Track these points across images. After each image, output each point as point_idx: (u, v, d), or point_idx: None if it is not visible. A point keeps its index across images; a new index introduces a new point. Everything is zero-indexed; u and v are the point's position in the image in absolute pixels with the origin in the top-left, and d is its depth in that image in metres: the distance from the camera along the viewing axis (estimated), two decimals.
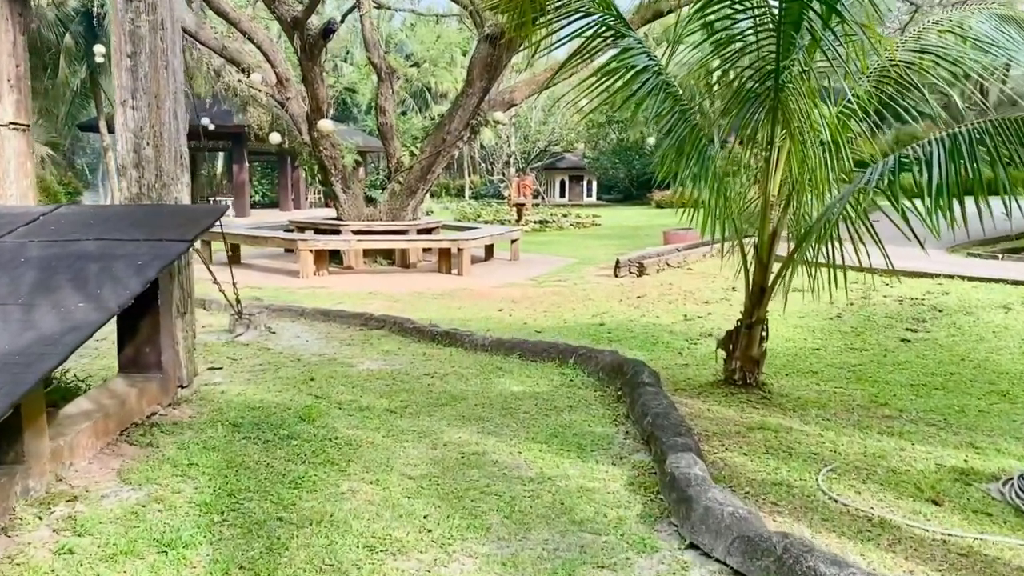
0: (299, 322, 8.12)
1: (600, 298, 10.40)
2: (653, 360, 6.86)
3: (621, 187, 47.79)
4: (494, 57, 14.59)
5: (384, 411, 4.62)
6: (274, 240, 14.86)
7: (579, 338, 7.87)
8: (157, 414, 4.42)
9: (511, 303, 10.85)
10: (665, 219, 29.18)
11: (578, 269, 15.32)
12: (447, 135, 15.46)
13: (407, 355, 6.37)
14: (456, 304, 10.91)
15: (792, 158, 5.27)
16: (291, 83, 15.09)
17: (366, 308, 10.70)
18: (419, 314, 9.89)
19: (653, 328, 8.27)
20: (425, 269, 15.65)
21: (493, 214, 31.03)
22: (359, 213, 16.04)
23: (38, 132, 22.56)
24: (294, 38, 12.36)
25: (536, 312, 9.86)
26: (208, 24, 14.78)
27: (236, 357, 6.36)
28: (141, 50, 4.51)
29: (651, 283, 10.93)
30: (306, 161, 15.82)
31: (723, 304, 9.08)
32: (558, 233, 25.13)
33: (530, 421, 4.43)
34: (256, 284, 13.38)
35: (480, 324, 8.99)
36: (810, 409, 5.15)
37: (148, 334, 4.50)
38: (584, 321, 8.96)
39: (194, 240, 4.05)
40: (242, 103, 16.81)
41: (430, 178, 16.05)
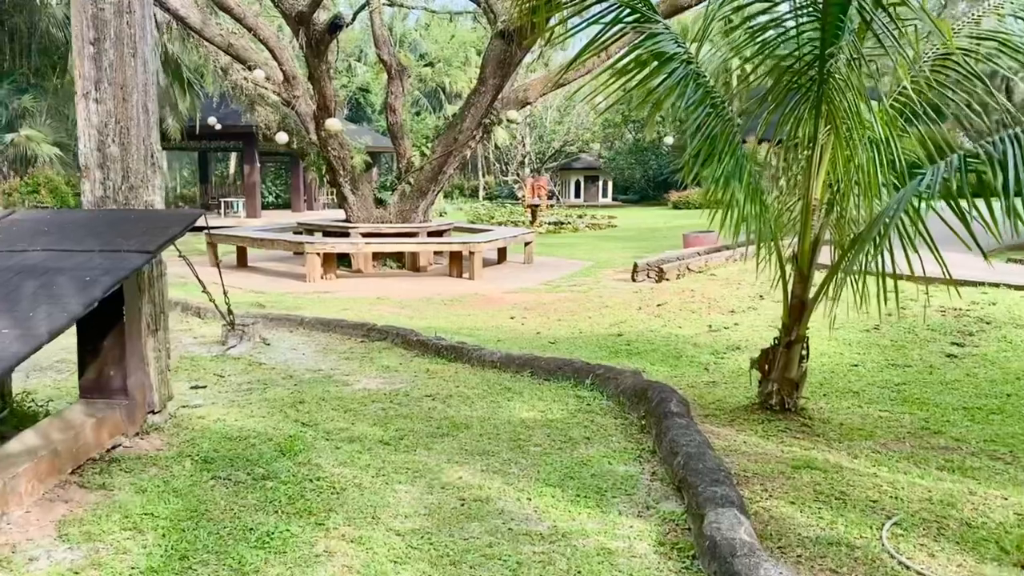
0: (297, 332, 7.61)
1: (617, 305, 9.84)
2: (677, 377, 6.31)
3: (637, 188, 47.14)
4: (508, 54, 14.06)
5: (377, 443, 4.08)
6: (280, 243, 14.40)
7: (596, 351, 7.32)
8: (120, 446, 3.91)
9: (523, 310, 10.32)
10: (683, 220, 28.52)
11: (594, 273, 14.76)
12: (459, 134, 14.94)
13: (408, 372, 5.83)
14: (466, 311, 10.39)
15: (837, 158, 4.70)
16: (298, 81, 14.62)
17: (373, 314, 10.20)
18: (427, 322, 9.38)
19: (675, 340, 7.70)
20: (436, 272, 15.14)
21: (507, 215, 30.51)
22: (368, 215, 15.56)
23: (46, 132, 22.24)
24: (299, 34, 11.87)
25: (550, 320, 9.32)
26: (214, 20, 14.32)
27: (224, 373, 5.85)
28: (105, 36, 4.00)
29: (671, 289, 10.35)
30: (314, 162, 15.34)
31: (750, 314, 8.49)
32: (573, 235, 24.56)
33: (542, 456, 3.88)
34: (260, 288, 12.92)
35: (490, 333, 8.46)
36: (857, 439, 4.57)
37: (113, 355, 3.99)
38: (601, 331, 8.40)
39: (157, 251, 3.54)
40: (250, 102, 16.30)
41: (441, 179, 15.54)
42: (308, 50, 12.17)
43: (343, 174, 15.00)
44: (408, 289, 12.94)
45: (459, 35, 46.59)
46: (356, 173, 15.11)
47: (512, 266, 15.94)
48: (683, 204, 36.86)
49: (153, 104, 4.27)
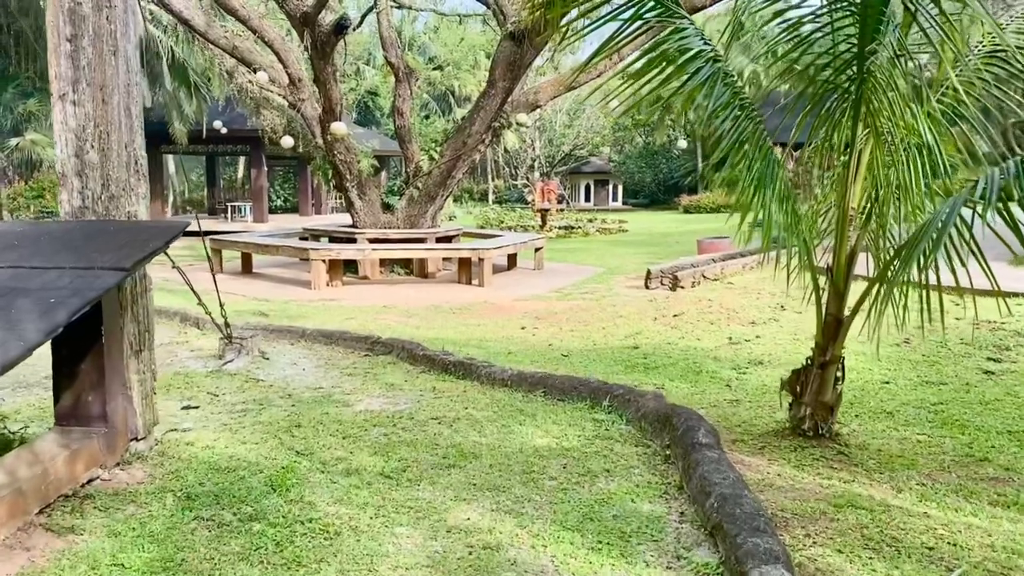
0: (299, 345, 7.28)
1: (632, 315, 9.48)
2: (698, 395, 5.95)
3: (647, 191, 46.78)
4: (517, 56, 13.73)
5: (377, 475, 3.74)
6: (285, 249, 14.10)
7: (611, 365, 6.97)
8: (98, 480, 3.59)
9: (535, 319, 9.97)
10: (695, 225, 28.12)
11: (606, 280, 14.40)
12: (468, 138, 14.62)
13: (414, 391, 5.49)
14: (475, 320, 10.05)
15: (876, 163, 4.34)
16: (304, 84, 14.33)
17: (378, 324, 9.88)
18: (434, 332, 9.05)
19: (694, 353, 7.34)
20: (444, 279, 14.82)
21: (517, 219, 30.18)
22: (375, 220, 15.25)
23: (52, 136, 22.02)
24: (304, 35, 11.58)
25: (562, 331, 8.97)
26: (218, 22, 14.06)
27: (218, 391, 5.53)
28: (83, 32, 3.68)
29: (687, 298, 9.99)
30: (320, 166, 15.04)
31: (772, 326, 8.12)
32: (584, 240, 24.21)
33: (558, 493, 3.53)
34: (265, 295, 12.62)
35: (500, 345, 8.12)
36: (898, 469, 4.21)
37: (90, 379, 3.67)
38: (616, 343, 8.05)
39: (134, 269, 3.21)
40: (255, 105, 16.04)
41: (450, 183, 15.22)
42: (313, 52, 11.87)
43: (350, 179, 14.70)
44: (416, 297, 12.62)
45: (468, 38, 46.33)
46: (363, 177, 14.80)
47: (522, 272, 15.61)
48: (694, 208, 36.47)
49: (137, 107, 3.95)
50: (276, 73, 14.74)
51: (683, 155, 46.60)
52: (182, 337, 7.69)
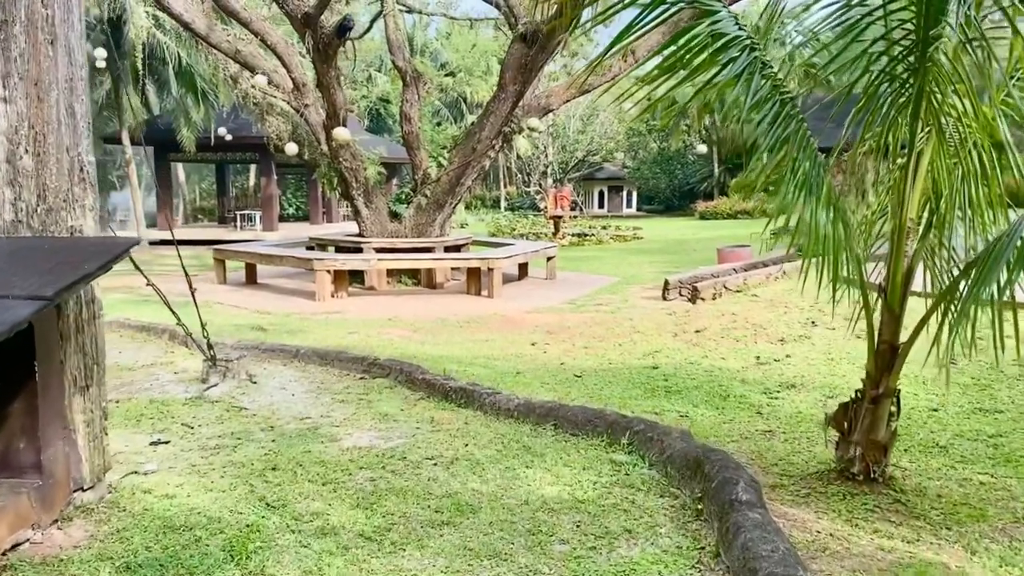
0: (291, 366, 6.73)
1: (650, 330, 8.89)
2: (726, 423, 5.36)
3: (662, 197, 46.16)
4: (528, 58, 13.20)
5: (356, 536, 3.17)
6: (289, 259, 13.60)
7: (629, 388, 6.39)
8: (27, 542, 3.05)
9: (546, 334, 9.40)
10: (712, 232, 27.48)
11: (621, 290, 13.82)
12: (477, 144, 14.09)
13: (410, 422, 4.93)
14: (483, 335, 9.49)
15: (939, 167, 3.76)
16: (308, 89, 13.85)
17: (381, 339, 9.35)
18: (439, 348, 8.50)
19: (719, 374, 6.74)
20: (453, 290, 14.27)
21: (529, 226, 29.65)
22: (382, 229, 14.74)
23: None
24: (306, 37, 11.09)
25: (575, 347, 8.39)
26: (220, 26, 13.60)
27: (195, 422, 4.98)
28: (14, 17, 3.16)
29: (709, 312, 9.39)
30: (325, 174, 14.54)
31: (803, 344, 7.50)
32: (597, 247, 23.62)
33: (570, 563, 2.95)
34: (266, 308, 12.12)
35: (508, 363, 7.56)
36: (966, 522, 3.61)
37: (21, 423, 3.14)
38: (633, 362, 7.46)
39: (58, 297, 2.67)
40: (261, 112, 15.57)
41: (459, 191, 14.69)
42: (315, 55, 11.37)
43: (356, 186, 14.19)
44: (422, 309, 12.08)
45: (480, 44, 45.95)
46: (369, 185, 14.29)
47: (534, 282, 15.04)
48: (711, 214, 35.80)
49: (82, 106, 3.42)
50: (280, 78, 14.28)
51: (699, 160, 45.96)
52: (168, 357, 7.17)
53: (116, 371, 6.37)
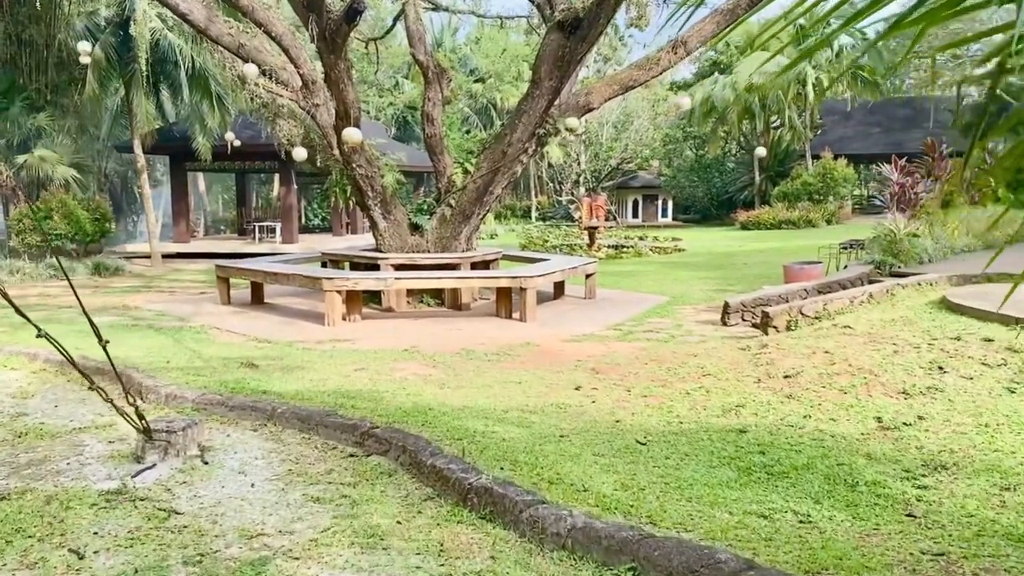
0: (262, 433, 5.14)
1: (723, 371, 7.19)
2: (869, 534, 3.67)
3: (699, 207, 44.26)
4: (567, 49, 11.58)
5: None
6: (296, 278, 12.08)
7: (714, 466, 4.71)
8: None
9: (592, 373, 7.75)
10: (758, 243, 25.58)
11: (671, 312, 12.11)
12: (508, 147, 12.49)
13: (406, 551, 3.30)
14: (515, 373, 7.86)
15: None
16: (319, 87, 12.35)
17: (394, 377, 7.78)
18: (461, 395, 6.88)
19: (834, 445, 5.03)
20: (481, 311, 12.67)
21: (562, 238, 27.96)
22: (402, 243, 13.19)
23: (62, 152, 20.49)
24: (310, 23, 9.57)
25: (631, 395, 6.73)
26: (221, 17, 12.17)
27: (91, 546, 3.40)
28: None
29: (791, 347, 7.65)
30: (338, 181, 13.05)
31: (935, 399, 5.74)
32: (637, 261, 21.88)
33: None
34: (266, 336, 10.59)
35: (548, 421, 5.91)
36: None
37: None
38: (712, 420, 5.78)
39: None
40: (272, 114, 14.11)
41: (488, 200, 13.09)
42: (321, 44, 9.84)
43: (372, 196, 12.66)
44: (445, 336, 10.48)
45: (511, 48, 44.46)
46: (387, 194, 12.75)
47: (571, 302, 13.38)
48: (753, 224, 33.87)
49: None
50: (288, 75, 12.82)
51: (739, 168, 44.04)
52: (110, 416, 5.60)
53: (33, 439, 4.83)
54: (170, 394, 5.59)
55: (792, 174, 37.48)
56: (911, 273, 11.07)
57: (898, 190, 12.61)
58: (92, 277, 18.54)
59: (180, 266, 22.40)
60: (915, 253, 11.72)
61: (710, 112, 40.97)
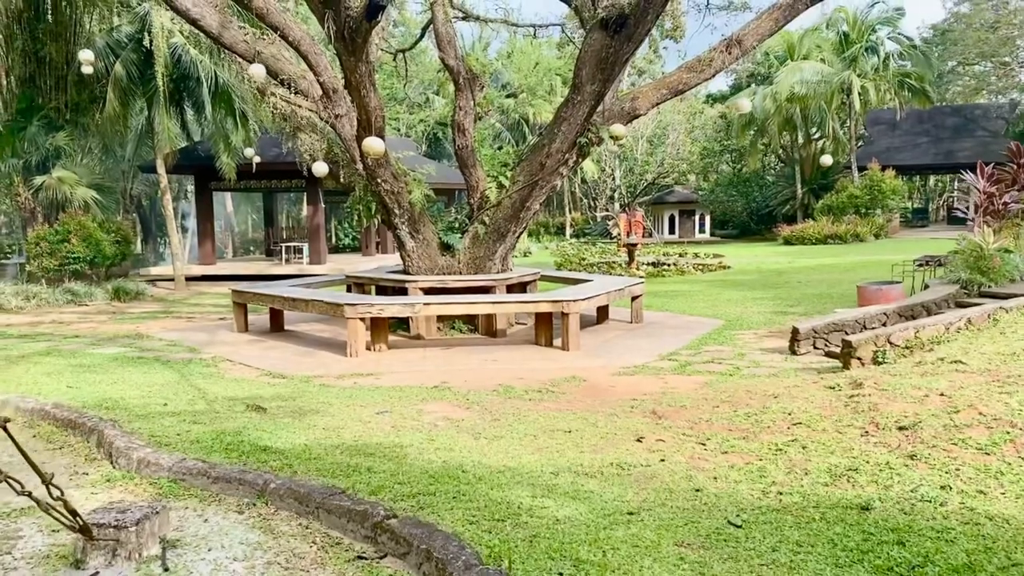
0: (249, 516, 4.03)
1: (813, 417, 5.96)
2: None
3: (737, 221, 42.73)
4: (611, 49, 10.48)
5: None
6: (316, 304, 11.05)
7: (842, 565, 3.51)
8: None
9: (653, 418, 6.56)
10: (807, 259, 24.15)
11: (730, 339, 10.87)
12: (547, 158, 11.39)
13: None
14: (562, 419, 6.68)
15: None
16: (341, 96, 11.36)
17: (421, 421, 6.66)
18: (501, 448, 5.74)
19: (995, 533, 3.80)
20: (518, 338, 11.53)
21: (599, 255, 26.76)
22: (432, 264, 12.12)
23: (81, 173, 19.80)
24: (326, 22, 8.57)
25: (708, 451, 5.52)
26: (236, 23, 11.26)
27: None
28: None
29: (895, 386, 6.38)
30: (361, 198, 12.02)
31: None
32: (680, 279, 20.60)
33: None
34: (281, 369, 9.54)
35: (609, 488, 4.74)
36: None
37: None
38: (818, 491, 4.56)
39: None
40: (293, 128, 13.16)
41: (524, 216, 11.99)
42: (339, 45, 8.83)
43: (398, 213, 11.62)
44: (480, 368, 9.36)
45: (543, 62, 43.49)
46: (415, 211, 11.70)
47: (617, 327, 12.19)
48: (796, 239, 32.34)
49: None
50: (307, 84, 11.87)
51: (778, 181, 42.54)
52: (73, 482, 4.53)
53: None
54: (143, 459, 4.52)
55: (837, 187, 35.92)
56: (1008, 294, 9.72)
57: (984, 200, 11.27)
58: (111, 302, 17.73)
59: (204, 289, 21.59)
60: (1007, 270, 10.36)
61: (749, 124, 39.61)
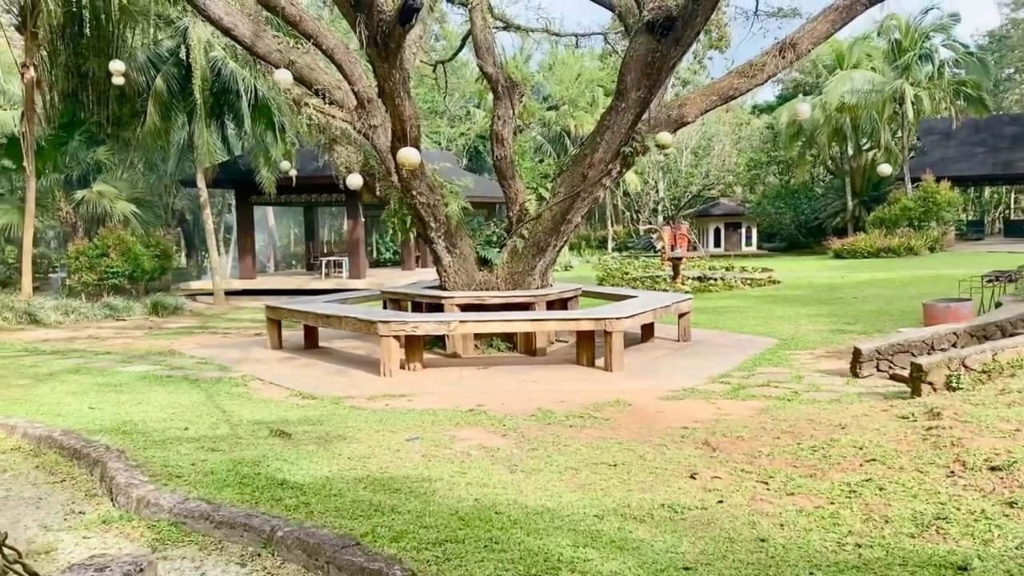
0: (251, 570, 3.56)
1: (888, 453, 5.32)
2: None
3: (785, 234, 41.65)
4: (657, 54, 9.94)
5: None
6: (350, 321, 10.65)
7: None
8: None
9: (708, 452, 5.97)
10: (860, 273, 23.19)
11: (785, 359, 10.19)
12: (589, 169, 10.87)
13: None
14: (607, 450, 6.12)
15: None
16: (376, 106, 11.00)
17: (455, 450, 6.17)
18: (539, 485, 5.21)
19: None
20: (559, 357, 10.98)
21: (642, 269, 26.11)
22: (469, 279, 11.66)
23: (122, 187, 19.82)
24: (358, 26, 8.19)
25: (772, 491, 4.93)
26: (269, 32, 10.97)
27: None
28: None
29: (978, 417, 5.72)
30: (396, 211, 11.61)
31: None
32: (728, 294, 19.86)
33: None
34: (311, 389, 9.13)
35: (661, 537, 4.18)
36: None
37: None
38: (904, 542, 3.95)
39: None
40: (329, 140, 12.84)
41: (565, 229, 11.47)
42: (372, 51, 8.44)
43: (434, 226, 11.18)
44: (518, 390, 8.84)
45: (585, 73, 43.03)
46: (452, 225, 11.26)
47: (662, 346, 11.58)
48: (848, 253, 31.28)
49: None
50: (342, 94, 11.53)
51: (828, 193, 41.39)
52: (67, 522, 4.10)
53: None
54: (142, 499, 4.10)
55: (889, 198, 34.75)
56: None
57: None
58: (148, 317, 17.62)
59: (243, 304, 21.44)
60: None
61: (797, 134, 38.63)
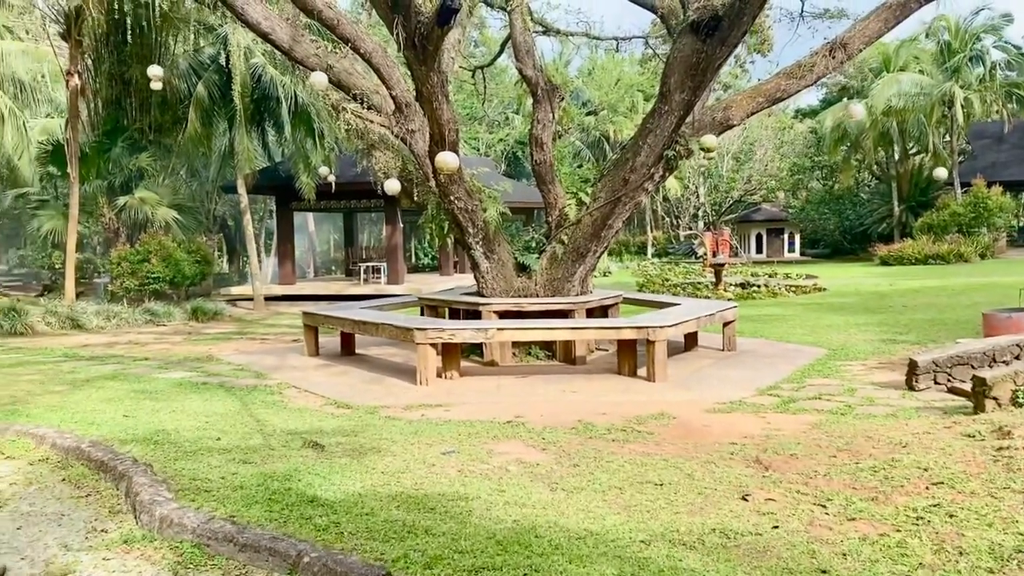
0: None
1: (955, 475, 4.96)
2: None
3: (829, 240, 40.78)
4: (702, 55, 9.63)
5: None
6: (386, 328, 10.49)
7: None
8: None
9: (760, 471, 5.65)
10: (909, 280, 22.46)
11: (836, 370, 9.78)
12: (631, 173, 10.58)
13: None
14: (652, 467, 5.83)
15: None
16: (414, 110, 10.84)
17: (492, 465, 5.95)
18: (581, 504, 4.94)
19: None
20: (599, 366, 10.70)
21: (683, 275, 25.66)
22: (507, 286, 11.43)
23: (163, 193, 19.99)
24: (395, 27, 8.02)
25: (831, 515, 4.60)
26: (308, 36, 10.88)
27: None
28: None
29: None
30: (434, 216, 11.44)
31: None
32: (773, 302, 19.34)
33: None
34: (347, 398, 8.97)
35: (714, 568, 3.89)
36: None
37: None
38: None
39: None
40: (367, 145, 12.72)
41: (606, 235, 11.19)
42: (410, 53, 8.28)
43: (472, 232, 10.98)
44: (557, 400, 8.59)
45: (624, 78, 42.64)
46: (490, 230, 11.04)
47: (707, 356, 11.22)
48: (895, 259, 30.43)
49: None
50: (380, 99, 11.39)
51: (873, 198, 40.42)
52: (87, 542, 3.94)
53: None
54: (166, 518, 3.93)
55: (937, 204, 33.77)
56: None
57: None
58: (188, 322, 17.70)
59: (282, 309, 21.49)
60: None
61: (842, 139, 37.80)
